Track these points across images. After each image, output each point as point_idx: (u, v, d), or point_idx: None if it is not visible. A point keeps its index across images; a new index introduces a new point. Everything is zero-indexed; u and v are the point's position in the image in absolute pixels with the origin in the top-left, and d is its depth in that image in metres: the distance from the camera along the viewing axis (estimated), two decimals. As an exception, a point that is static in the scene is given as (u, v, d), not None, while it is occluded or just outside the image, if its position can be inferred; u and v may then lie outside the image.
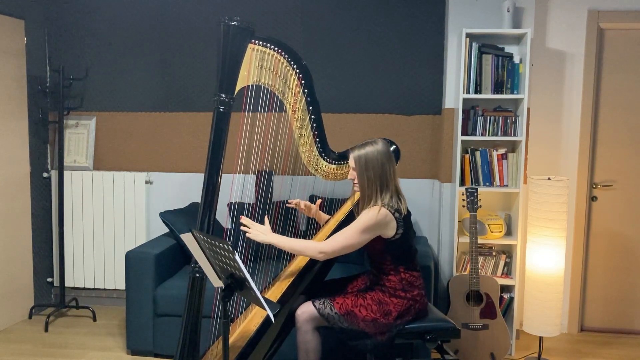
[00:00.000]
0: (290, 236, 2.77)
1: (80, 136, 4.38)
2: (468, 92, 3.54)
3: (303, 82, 2.76)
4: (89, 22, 4.29)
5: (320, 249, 2.62)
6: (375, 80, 4.04)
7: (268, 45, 2.68)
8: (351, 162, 2.68)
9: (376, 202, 2.60)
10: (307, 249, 2.65)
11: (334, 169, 2.93)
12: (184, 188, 4.29)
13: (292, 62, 2.73)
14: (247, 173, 3.97)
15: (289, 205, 2.98)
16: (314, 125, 2.83)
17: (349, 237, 2.59)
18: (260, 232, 2.69)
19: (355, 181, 2.69)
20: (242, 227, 2.73)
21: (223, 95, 2.61)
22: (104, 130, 4.36)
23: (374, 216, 2.56)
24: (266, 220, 2.75)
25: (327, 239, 2.71)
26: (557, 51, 3.82)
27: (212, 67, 4.17)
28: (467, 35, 3.50)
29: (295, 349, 2.70)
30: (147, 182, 4.31)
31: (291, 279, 2.77)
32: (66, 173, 4.27)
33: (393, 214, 2.59)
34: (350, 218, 2.85)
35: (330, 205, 3.62)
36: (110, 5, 4.25)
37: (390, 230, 2.60)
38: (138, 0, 4.22)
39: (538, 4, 3.73)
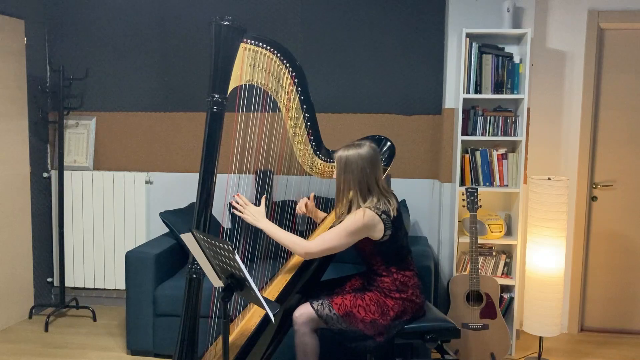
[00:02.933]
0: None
1: (80, 136, 4.38)
2: (468, 92, 3.54)
3: (296, 80, 2.75)
4: (89, 22, 4.29)
5: (306, 249, 2.62)
6: (375, 80, 4.04)
7: (260, 44, 2.68)
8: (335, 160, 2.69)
9: (357, 205, 2.60)
10: (294, 244, 2.65)
11: (329, 167, 2.92)
12: (184, 188, 4.29)
13: (285, 61, 2.72)
14: (242, 173, 3.97)
15: (300, 212, 2.98)
16: (308, 124, 2.82)
17: (334, 239, 2.59)
18: (253, 214, 2.69)
19: None
20: (234, 204, 2.72)
21: (216, 96, 2.62)
22: (104, 130, 4.36)
23: (360, 219, 2.55)
24: (263, 201, 2.75)
25: None
26: (557, 51, 3.82)
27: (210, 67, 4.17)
28: (467, 35, 3.50)
29: (294, 349, 2.70)
30: (147, 182, 4.31)
31: (288, 278, 2.77)
32: (66, 173, 4.27)
33: (380, 215, 2.58)
34: None
35: (326, 205, 3.62)
36: (111, 5, 4.25)
37: (378, 233, 2.59)
38: (138, 1, 4.22)
39: (538, 4, 3.73)
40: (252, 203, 3.81)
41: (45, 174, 4.36)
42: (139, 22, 4.24)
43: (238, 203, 2.75)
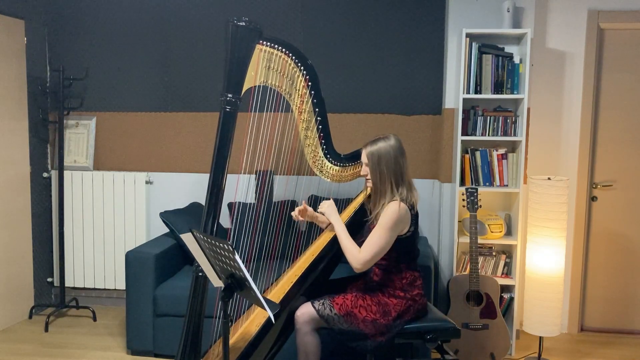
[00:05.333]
0: (292, 237, 2.76)
1: (80, 136, 4.38)
2: (468, 92, 3.54)
3: (310, 83, 2.76)
4: (89, 22, 4.29)
5: (360, 261, 2.58)
6: (375, 80, 4.04)
7: (275, 46, 2.68)
8: (364, 158, 2.69)
9: (393, 196, 2.60)
10: (350, 254, 2.62)
11: (338, 170, 2.92)
12: (184, 188, 4.29)
13: (299, 63, 2.73)
14: (252, 173, 3.97)
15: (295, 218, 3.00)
16: (320, 126, 2.82)
17: (380, 240, 2.57)
18: (331, 207, 2.74)
19: (369, 177, 2.70)
20: (319, 210, 2.78)
21: (230, 95, 2.61)
22: (104, 130, 4.36)
23: (396, 211, 2.56)
24: (331, 200, 2.79)
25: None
26: (557, 51, 3.82)
27: (212, 66, 4.17)
28: (467, 35, 3.50)
29: (295, 350, 2.70)
30: (147, 182, 4.31)
31: (295, 280, 2.77)
32: (66, 173, 4.27)
33: (410, 210, 2.60)
34: (361, 212, 2.86)
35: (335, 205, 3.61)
36: (111, 5, 4.25)
37: (406, 226, 2.62)
38: (138, 1, 4.22)
39: (538, 4, 3.73)
40: (256, 202, 3.82)
41: (45, 174, 4.35)
42: (139, 22, 4.24)
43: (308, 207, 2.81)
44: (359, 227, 2.82)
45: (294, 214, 2.94)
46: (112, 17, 4.26)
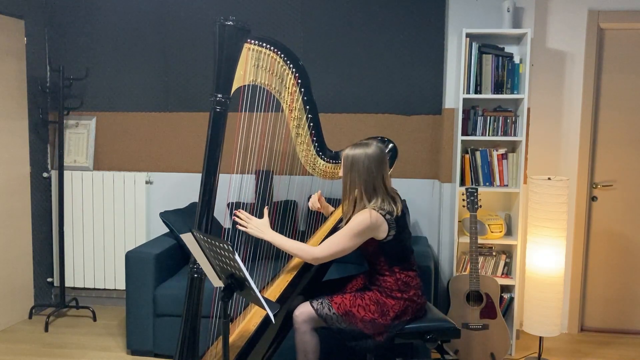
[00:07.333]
0: (289, 236, 2.77)
1: (80, 136, 4.38)
2: (468, 92, 3.54)
3: (299, 81, 2.76)
4: (89, 22, 4.29)
5: (313, 255, 2.64)
6: (375, 80, 4.04)
7: (264, 44, 2.68)
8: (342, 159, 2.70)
9: (362, 206, 2.60)
10: (301, 252, 2.67)
11: (331, 168, 2.93)
12: (184, 188, 4.29)
13: (288, 62, 2.73)
14: (245, 173, 3.97)
15: (314, 208, 3.03)
16: (311, 124, 2.83)
17: (341, 242, 2.60)
18: (258, 227, 2.70)
19: None
20: (238, 221, 2.73)
21: (219, 95, 2.62)
22: (104, 130, 4.36)
23: (364, 220, 2.56)
24: (265, 212, 2.76)
25: (322, 241, 2.71)
26: (557, 51, 3.82)
27: (212, 66, 4.16)
28: (467, 35, 3.50)
29: (294, 349, 2.70)
30: (147, 182, 4.31)
31: (290, 279, 2.77)
32: (66, 173, 4.27)
33: (384, 215, 2.58)
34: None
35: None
36: (111, 5, 4.25)
37: (382, 233, 2.60)
38: (138, 1, 4.22)
39: (538, 4, 3.73)
40: (254, 202, 3.82)
41: (45, 174, 4.35)
42: (139, 22, 4.24)
43: (240, 218, 2.74)
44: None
45: (313, 202, 2.98)
46: (112, 18, 4.26)
